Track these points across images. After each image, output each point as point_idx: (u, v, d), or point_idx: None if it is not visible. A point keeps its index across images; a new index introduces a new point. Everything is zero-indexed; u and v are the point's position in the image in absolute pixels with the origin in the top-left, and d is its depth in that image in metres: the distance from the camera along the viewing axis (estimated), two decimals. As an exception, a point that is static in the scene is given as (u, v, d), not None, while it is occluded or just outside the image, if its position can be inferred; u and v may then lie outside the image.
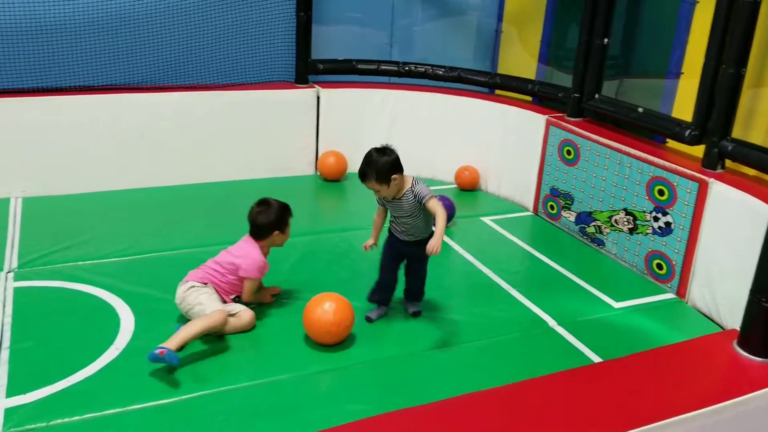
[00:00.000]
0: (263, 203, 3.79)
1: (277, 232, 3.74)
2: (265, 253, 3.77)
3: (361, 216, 4.53)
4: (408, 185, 3.49)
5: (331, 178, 5.72)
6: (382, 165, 3.40)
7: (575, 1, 5.11)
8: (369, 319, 3.71)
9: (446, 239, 4.71)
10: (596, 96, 4.95)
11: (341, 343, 3.48)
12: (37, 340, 3.41)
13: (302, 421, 2.92)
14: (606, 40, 4.81)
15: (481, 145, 5.63)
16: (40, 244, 4.35)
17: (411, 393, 3.09)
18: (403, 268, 3.76)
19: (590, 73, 4.94)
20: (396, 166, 3.44)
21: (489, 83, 5.78)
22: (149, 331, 3.52)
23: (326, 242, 4.61)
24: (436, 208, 3.40)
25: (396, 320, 3.77)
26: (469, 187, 5.66)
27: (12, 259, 4.16)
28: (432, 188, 3.58)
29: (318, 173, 5.85)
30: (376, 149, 3.48)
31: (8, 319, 3.55)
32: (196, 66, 5.53)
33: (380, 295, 3.75)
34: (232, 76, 5.68)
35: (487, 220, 5.15)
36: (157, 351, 3.18)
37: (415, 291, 3.80)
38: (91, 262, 4.20)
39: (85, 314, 3.68)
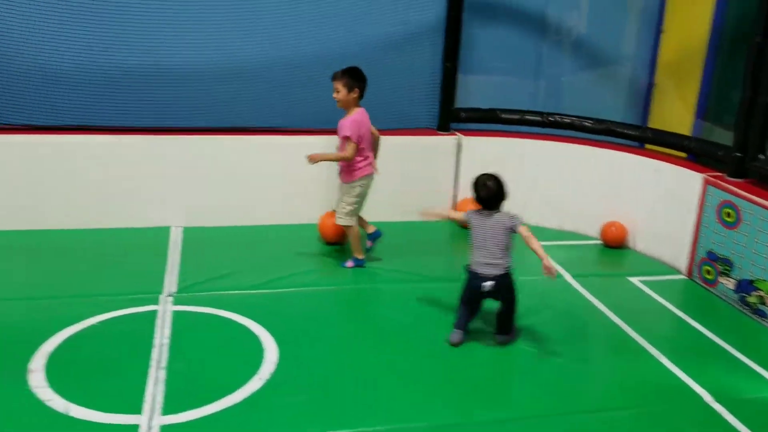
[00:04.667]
0: None
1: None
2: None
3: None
4: None
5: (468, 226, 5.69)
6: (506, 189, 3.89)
7: (737, 52, 4.85)
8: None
9: (589, 297, 4.54)
10: (761, 156, 4.64)
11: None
12: (189, 363, 3.61)
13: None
14: (774, 96, 4.51)
15: (629, 201, 5.41)
16: (198, 271, 4.64)
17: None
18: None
19: (754, 131, 4.64)
20: None
21: (640, 137, 5.57)
22: (292, 363, 3.63)
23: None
24: None
25: (542, 371, 3.66)
26: (615, 243, 5.43)
27: (172, 283, 4.46)
28: (576, 243, 3.51)
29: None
30: (493, 176, 3.89)
31: (166, 340, 3.79)
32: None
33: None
34: (375, 121, 5.82)
35: (634, 280, 4.91)
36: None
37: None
38: (242, 292, 4.42)
39: (233, 342, 3.86)
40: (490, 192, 3.84)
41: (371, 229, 5.01)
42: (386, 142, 5.66)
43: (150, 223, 5.33)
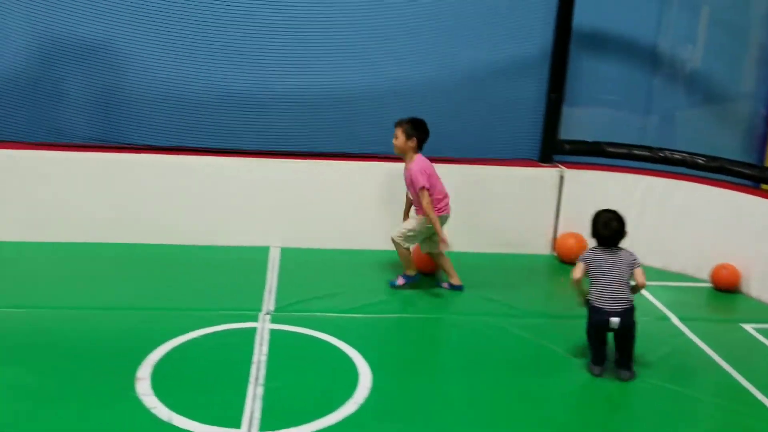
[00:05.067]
0: None
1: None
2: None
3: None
4: None
5: (569, 260, 5.53)
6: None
7: None
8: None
9: (698, 342, 4.30)
10: None
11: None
12: (286, 382, 3.65)
13: None
14: None
15: (743, 243, 5.09)
16: (295, 292, 4.72)
17: None
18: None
19: None
20: None
21: (757, 177, 5.26)
22: (387, 390, 3.61)
23: (560, 327, 4.42)
24: None
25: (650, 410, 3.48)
26: (726, 287, 5.12)
27: (270, 302, 4.55)
28: (683, 285, 3.35)
29: (554, 253, 5.70)
30: (615, 213, 3.91)
31: (264, 357, 3.86)
32: (441, 139, 5.74)
33: None
34: (474, 149, 5.80)
35: (748, 327, 4.59)
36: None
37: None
38: (337, 315, 4.46)
39: (328, 364, 3.89)
40: (613, 231, 3.87)
41: (456, 281, 4.96)
42: (484, 171, 5.64)
43: (250, 243, 5.48)
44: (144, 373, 3.63)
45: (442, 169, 5.56)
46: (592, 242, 4.01)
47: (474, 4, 5.47)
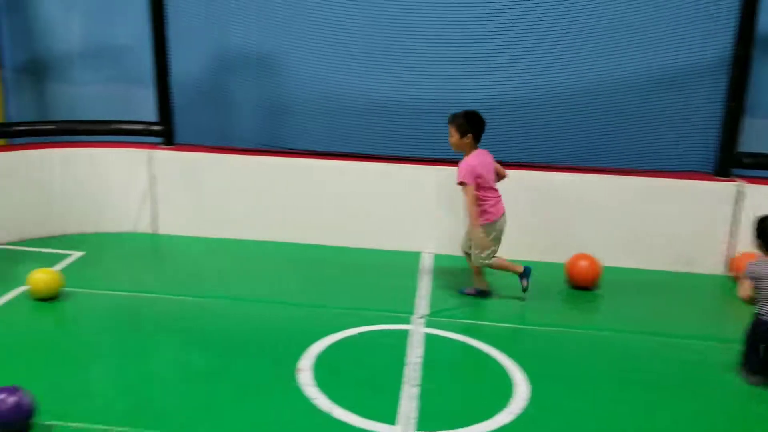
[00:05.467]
0: None
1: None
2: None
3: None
4: None
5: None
6: None
7: None
8: None
9: None
10: None
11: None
12: (440, 385, 3.64)
13: None
14: None
15: None
16: (447, 298, 4.73)
17: None
18: None
19: None
20: None
21: None
22: (545, 403, 3.49)
23: (726, 351, 4.04)
24: None
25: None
26: None
27: (423, 306, 4.57)
28: None
29: (730, 273, 5.26)
30: None
31: (418, 360, 3.87)
32: (606, 149, 5.51)
33: None
34: (644, 161, 5.50)
35: None
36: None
37: None
38: (490, 323, 4.41)
39: (483, 372, 3.85)
40: None
41: (481, 286, 4.75)
42: (653, 184, 5.32)
43: (404, 247, 5.57)
44: (305, 364, 3.77)
45: (607, 181, 5.34)
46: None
47: (657, 8, 5.21)
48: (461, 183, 4.41)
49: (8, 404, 3.01)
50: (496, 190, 4.53)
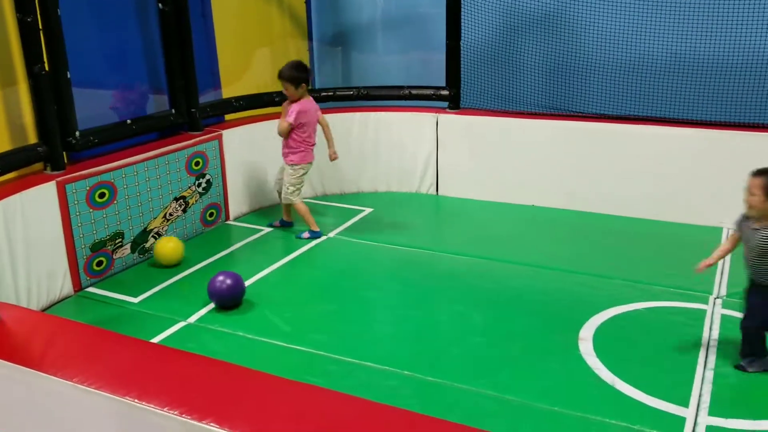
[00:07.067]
0: None
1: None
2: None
3: None
4: None
5: None
6: None
7: None
8: None
9: None
10: None
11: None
12: (737, 371, 3.32)
13: None
14: None
15: None
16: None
17: None
18: None
19: None
20: None
21: None
22: None
23: None
24: None
25: None
26: None
27: (721, 286, 4.17)
28: None
29: None
30: None
31: (714, 342, 3.55)
32: None
33: None
34: None
35: None
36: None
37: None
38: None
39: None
40: None
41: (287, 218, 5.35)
42: None
43: (704, 221, 5.11)
44: (586, 334, 3.68)
45: None
46: None
47: None
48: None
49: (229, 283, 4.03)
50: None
